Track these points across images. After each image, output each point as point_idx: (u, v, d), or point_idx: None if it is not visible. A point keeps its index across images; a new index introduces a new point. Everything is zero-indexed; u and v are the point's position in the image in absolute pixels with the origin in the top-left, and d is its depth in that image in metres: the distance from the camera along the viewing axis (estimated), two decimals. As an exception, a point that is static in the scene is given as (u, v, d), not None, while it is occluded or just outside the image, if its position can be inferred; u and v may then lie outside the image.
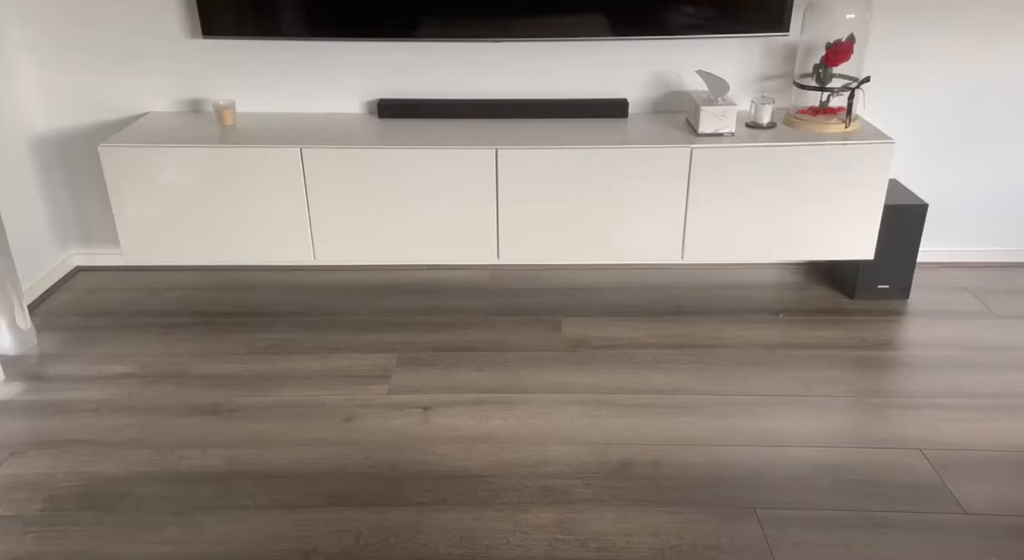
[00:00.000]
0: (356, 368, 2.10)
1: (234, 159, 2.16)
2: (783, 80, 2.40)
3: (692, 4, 2.23)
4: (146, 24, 2.33)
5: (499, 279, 2.59)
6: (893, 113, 2.43)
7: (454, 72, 2.41)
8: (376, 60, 2.39)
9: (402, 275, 2.61)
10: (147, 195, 2.18)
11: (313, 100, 2.45)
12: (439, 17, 2.25)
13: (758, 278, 2.58)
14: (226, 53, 2.38)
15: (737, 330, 2.26)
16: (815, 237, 2.23)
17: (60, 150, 2.50)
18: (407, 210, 2.21)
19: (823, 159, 2.14)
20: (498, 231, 2.24)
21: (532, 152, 2.15)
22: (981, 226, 2.59)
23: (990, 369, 2.08)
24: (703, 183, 2.17)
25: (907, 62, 2.37)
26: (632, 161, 2.15)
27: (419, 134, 2.24)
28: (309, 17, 2.25)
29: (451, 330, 2.28)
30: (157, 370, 2.10)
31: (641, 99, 2.45)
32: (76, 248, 2.64)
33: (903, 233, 2.29)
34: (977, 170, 2.51)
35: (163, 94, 2.43)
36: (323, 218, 2.22)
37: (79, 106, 2.44)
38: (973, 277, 2.56)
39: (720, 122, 2.19)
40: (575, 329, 2.28)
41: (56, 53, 2.36)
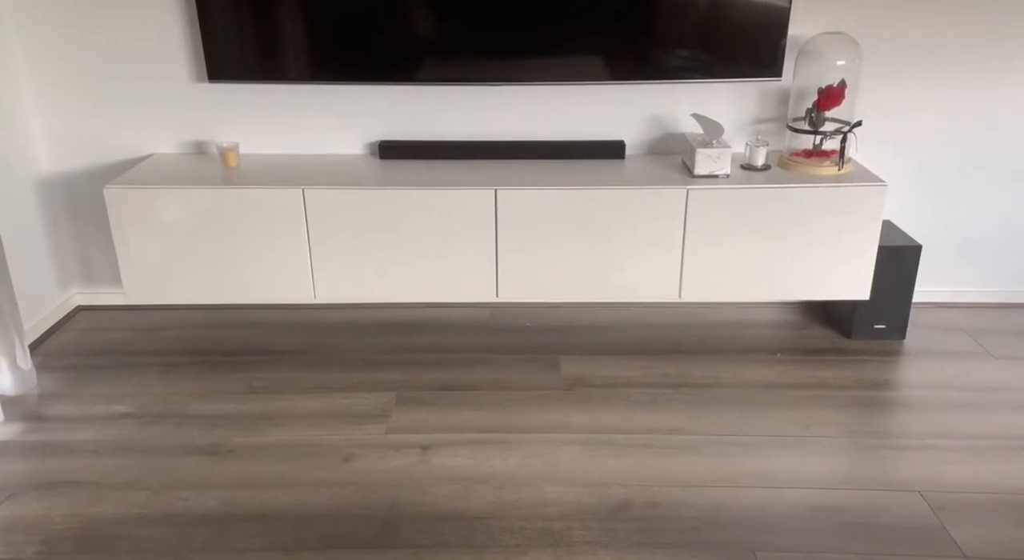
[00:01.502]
0: (355, 407, 2.11)
1: (237, 200, 2.19)
2: (777, 123, 2.45)
3: (687, 49, 2.28)
4: (153, 69, 2.38)
5: (498, 317, 2.60)
6: (886, 155, 2.47)
7: (455, 114, 2.46)
8: (378, 102, 2.44)
9: (402, 313, 2.63)
10: (150, 235, 2.21)
11: (316, 141, 2.49)
12: (439, 61, 2.30)
13: (755, 317, 2.59)
14: (231, 96, 2.43)
15: (734, 369, 2.27)
16: (811, 277, 2.25)
17: (65, 191, 2.53)
18: (407, 249, 2.24)
19: (817, 201, 2.18)
20: (497, 270, 2.26)
21: (531, 192, 2.18)
22: (976, 267, 2.61)
23: (987, 410, 2.08)
24: (699, 223, 2.20)
25: (899, 105, 2.42)
26: (629, 202, 2.19)
27: (420, 175, 2.28)
28: (312, 61, 2.30)
29: (450, 368, 2.29)
30: (156, 410, 2.10)
31: (638, 141, 2.49)
32: (78, 287, 2.66)
33: (898, 274, 2.31)
34: (971, 211, 2.54)
35: (168, 136, 2.47)
36: (324, 257, 2.24)
37: (85, 148, 2.48)
38: (968, 317, 2.57)
39: (715, 164, 2.23)
40: (573, 367, 2.29)
41: (64, 95, 2.41)
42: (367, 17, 2.25)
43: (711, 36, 2.26)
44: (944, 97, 2.41)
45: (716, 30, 2.26)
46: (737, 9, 2.23)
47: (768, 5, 2.22)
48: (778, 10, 2.22)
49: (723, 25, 2.25)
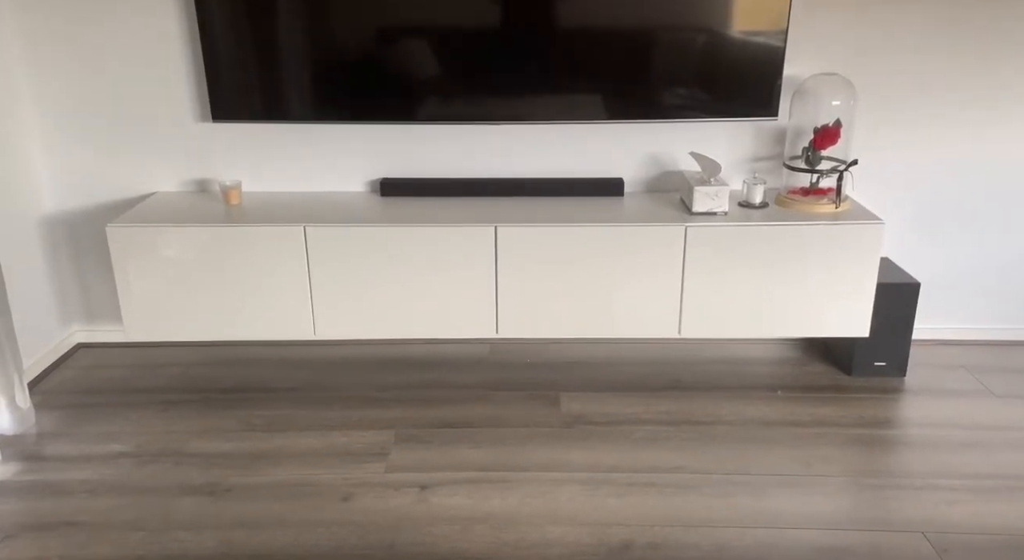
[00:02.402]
0: (354, 445, 2.10)
1: (238, 238, 2.20)
2: (774, 161, 2.48)
3: (685, 89, 2.32)
4: (158, 109, 2.42)
5: (498, 353, 2.60)
6: (883, 193, 2.50)
7: (455, 152, 2.49)
8: (380, 141, 2.47)
9: (401, 349, 2.63)
10: (151, 273, 2.22)
11: (318, 179, 2.52)
12: (440, 100, 2.34)
13: (755, 354, 2.59)
14: (233, 135, 2.46)
15: (735, 407, 2.26)
16: (810, 314, 2.26)
17: (67, 229, 2.55)
18: (408, 286, 2.25)
19: (814, 239, 2.19)
20: (497, 306, 2.27)
21: (530, 229, 2.20)
22: (975, 304, 2.62)
23: (990, 449, 2.07)
24: (698, 260, 2.21)
25: (895, 144, 2.45)
26: (628, 238, 2.20)
27: (420, 212, 2.30)
28: (314, 101, 2.34)
29: (449, 405, 2.28)
30: (154, 449, 2.09)
31: (636, 178, 2.52)
32: (78, 325, 2.66)
33: (897, 311, 2.32)
34: (969, 248, 2.56)
35: (171, 175, 2.50)
36: (324, 294, 2.25)
37: (88, 187, 2.50)
38: (969, 355, 2.57)
39: (713, 201, 2.25)
40: (573, 404, 2.28)
41: (69, 135, 2.44)
42: (369, 57, 2.29)
43: (708, 76, 2.30)
44: (939, 135, 2.44)
45: (713, 71, 2.29)
46: (733, 50, 2.27)
47: (763, 46, 2.26)
48: (773, 51, 2.26)
49: (720, 66, 2.29)
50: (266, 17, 2.24)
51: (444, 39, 2.28)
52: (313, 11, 2.24)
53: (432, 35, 2.28)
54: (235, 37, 2.26)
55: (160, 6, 2.30)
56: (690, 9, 2.23)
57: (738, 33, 2.25)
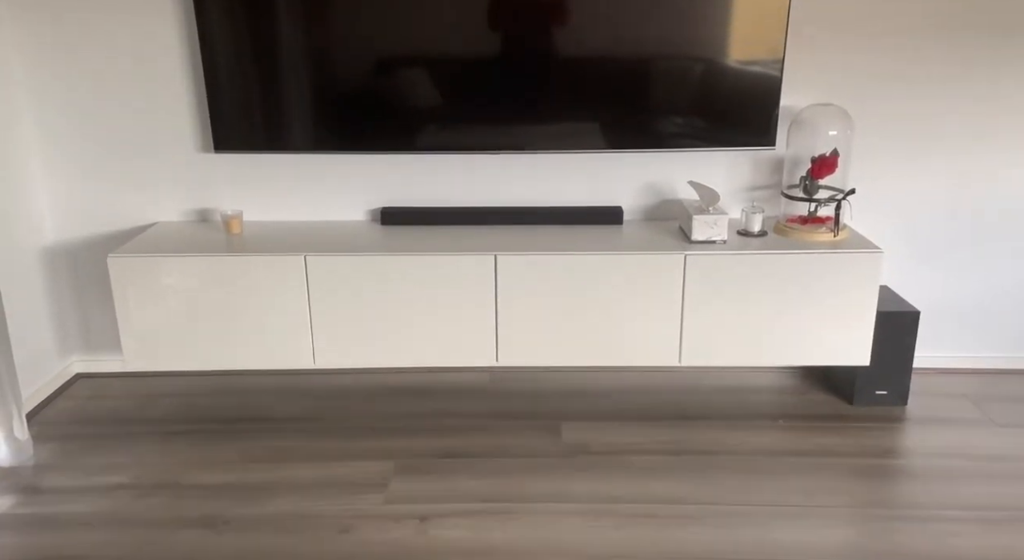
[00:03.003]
0: (353, 475, 2.08)
1: (239, 267, 2.21)
2: (772, 190, 2.49)
3: (683, 119, 2.34)
4: (161, 140, 2.44)
5: (498, 381, 2.60)
6: (881, 221, 2.51)
7: (455, 181, 2.51)
8: (380, 170, 2.49)
9: (401, 378, 2.62)
10: (152, 303, 2.23)
11: (319, 209, 2.53)
12: (440, 130, 2.36)
13: (756, 382, 2.58)
14: (235, 165, 2.48)
15: (737, 436, 2.25)
16: (810, 343, 2.25)
17: (68, 259, 2.56)
18: (408, 314, 2.25)
19: (813, 267, 2.19)
20: (497, 334, 2.27)
21: (530, 258, 2.21)
22: (976, 332, 2.62)
23: (994, 480, 2.05)
24: (698, 289, 2.22)
25: (892, 173, 2.47)
26: (628, 267, 2.21)
27: (421, 240, 2.31)
28: (316, 132, 2.36)
29: (450, 435, 2.27)
30: (152, 480, 2.08)
31: (635, 207, 2.53)
32: (77, 355, 2.66)
33: (897, 340, 2.32)
34: (969, 277, 2.56)
35: (173, 205, 2.51)
36: (324, 323, 2.25)
37: (90, 217, 2.52)
38: (970, 384, 2.56)
39: (712, 230, 2.26)
40: (574, 434, 2.27)
41: (72, 165, 2.46)
42: (368, 88, 2.31)
43: (706, 107, 2.32)
44: (937, 165, 2.45)
45: (711, 101, 2.32)
46: (731, 80, 2.29)
47: (760, 76, 2.28)
48: (770, 81, 2.28)
49: (717, 96, 2.31)
50: (268, 49, 2.27)
51: (444, 69, 2.31)
52: (314, 43, 2.27)
53: (432, 65, 2.30)
54: (238, 69, 2.29)
55: (163, 38, 2.34)
56: (688, 39, 2.26)
57: (735, 63, 2.28)
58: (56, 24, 2.32)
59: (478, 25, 2.25)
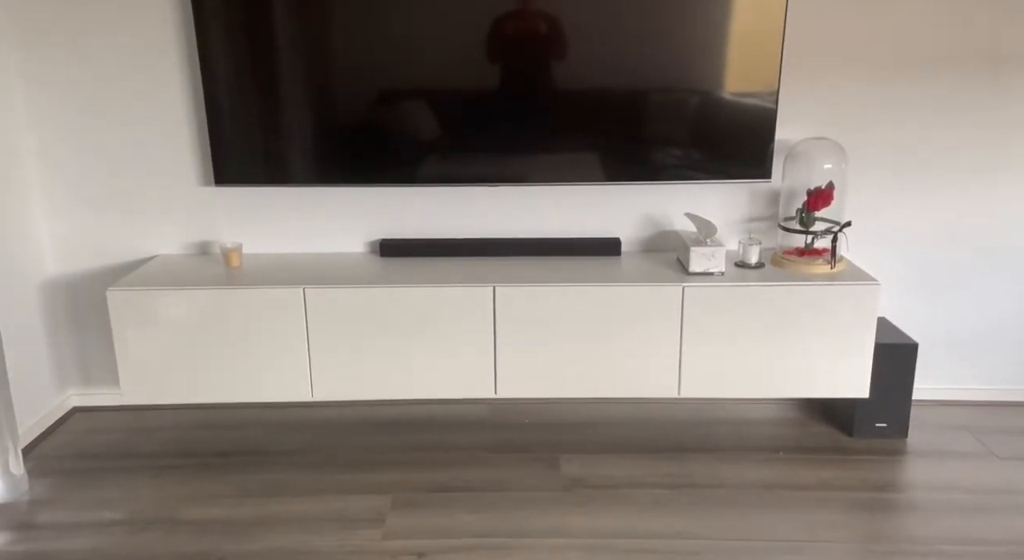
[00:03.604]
0: (350, 510, 2.06)
1: (238, 300, 2.21)
2: (768, 222, 2.51)
3: (680, 152, 2.36)
4: (162, 174, 2.46)
5: (497, 413, 2.58)
6: (878, 253, 2.52)
7: (454, 213, 2.52)
8: (379, 202, 2.51)
9: (399, 410, 2.61)
10: (150, 336, 2.23)
11: (319, 241, 2.55)
12: (440, 162, 2.38)
13: (756, 414, 2.57)
14: (235, 198, 2.49)
15: (736, 469, 2.24)
16: (809, 375, 2.25)
17: (68, 292, 2.56)
18: (406, 346, 2.25)
19: (811, 299, 2.20)
20: (496, 366, 2.27)
21: (529, 289, 2.21)
22: (974, 364, 2.61)
23: (996, 514, 2.03)
24: (696, 320, 2.22)
25: (887, 205, 2.48)
26: (626, 298, 2.21)
27: (419, 272, 2.32)
28: (316, 165, 2.38)
29: (447, 468, 2.25)
30: (147, 516, 2.06)
31: (633, 238, 2.54)
32: (75, 389, 2.65)
33: (896, 372, 2.31)
34: (966, 308, 2.56)
35: (173, 238, 2.53)
36: (322, 355, 2.25)
37: (90, 250, 2.53)
38: (970, 415, 2.55)
39: (710, 262, 2.26)
40: (573, 467, 2.25)
41: (73, 199, 2.48)
42: (368, 122, 2.34)
43: (702, 139, 2.35)
44: (932, 197, 2.47)
45: (707, 134, 2.34)
46: (726, 114, 2.32)
47: (756, 109, 2.31)
48: (766, 113, 2.31)
49: (714, 129, 2.34)
50: (269, 83, 2.30)
51: (442, 103, 2.34)
52: (315, 77, 2.30)
53: (431, 99, 2.33)
54: (239, 103, 2.32)
55: (165, 73, 2.37)
56: (683, 72, 2.29)
57: (731, 95, 2.31)
58: (59, 59, 2.35)
59: (477, 59, 2.29)
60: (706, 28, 2.25)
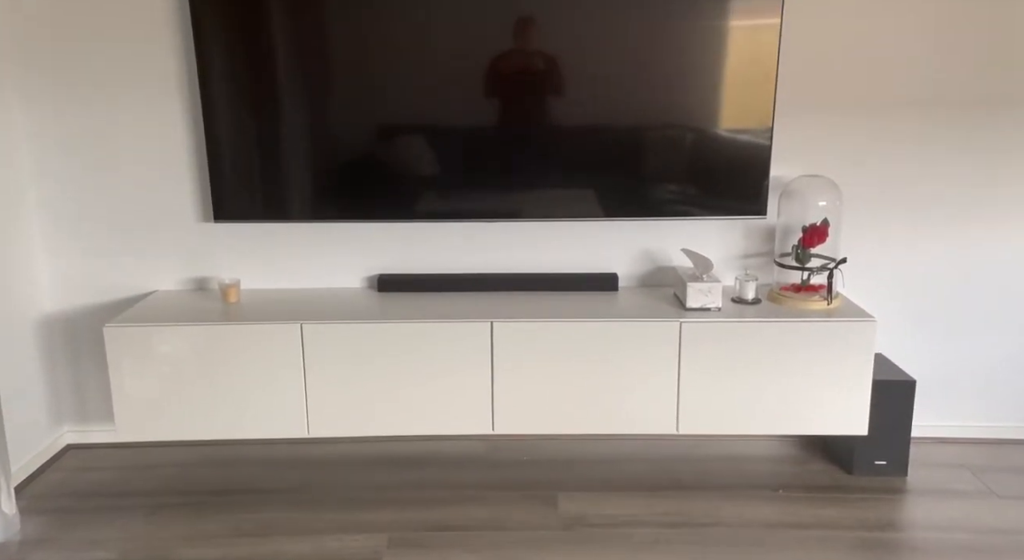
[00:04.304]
0: (345, 551, 2.04)
1: (235, 336, 2.21)
2: (764, 257, 2.52)
3: (676, 189, 2.38)
4: (161, 211, 2.47)
5: (495, 450, 2.57)
6: (875, 290, 2.52)
7: (452, 248, 2.53)
8: (377, 238, 2.52)
9: (396, 446, 2.59)
10: (147, 372, 2.22)
11: (317, 276, 2.55)
12: (437, 198, 2.39)
13: (755, 451, 2.56)
14: (234, 234, 2.50)
15: (736, 507, 2.22)
16: (807, 411, 2.24)
17: (65, 328, 2.56)
18: (403, 382, 2.24)
19: (808, 336, 2.20)
20: (493, 402, 2.26)
21: (527, 325, 2.21)
22: (973, 401, 2.60)
23: (998, 555, 2.01)
24: (694, 356, 2.22)
25: (883, 242, 2.50)
26: (624, 334, 2.21)
27: (417, 308, 2.32)
28: (315, 201, 2.39)
29: (445, 507, 2.23)
30: (141, 556, 2.03)
31: (630, 273, 2.55)
32: (69, 425, 2.63)
33: (894, 409, 2.30)
34: (964, 345, 2.56)
35: (171, 274, 2.53)
36: (319, 392, 2.24)
37: (88, 287, 2.53)
38: (970, 454, 2.54)
39: (707, 298, 2.27)
40: (572, 505, 2.23)
41: (72, 235, 2.48)
42: (366, 159, 2.36)
43: (698, 177, 2.37)
44: (928, 234, 2.48)
45: (703, 171, 2.36)
46: (722, 151, 2.34)
47: (751, 145, 2.33)
48: (760, 150, 2.33)
49: (709, 166, 2.36)
50: (269, 121, 2.32)
51: (441, 139, 2.36)
52: (314, 115, 2.32)
53: (429, 135, 2.36)
54: (239, 141, 2.34)
55: (166, 111, 2.39)
56: (679, 109, 2.31)
57: (726, 132, 2.33)
58: (62, 98, 2.38)
59: (475, 96, 2.31)
60: (701, 65, 2.28)
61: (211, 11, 2.25)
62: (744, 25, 2.26)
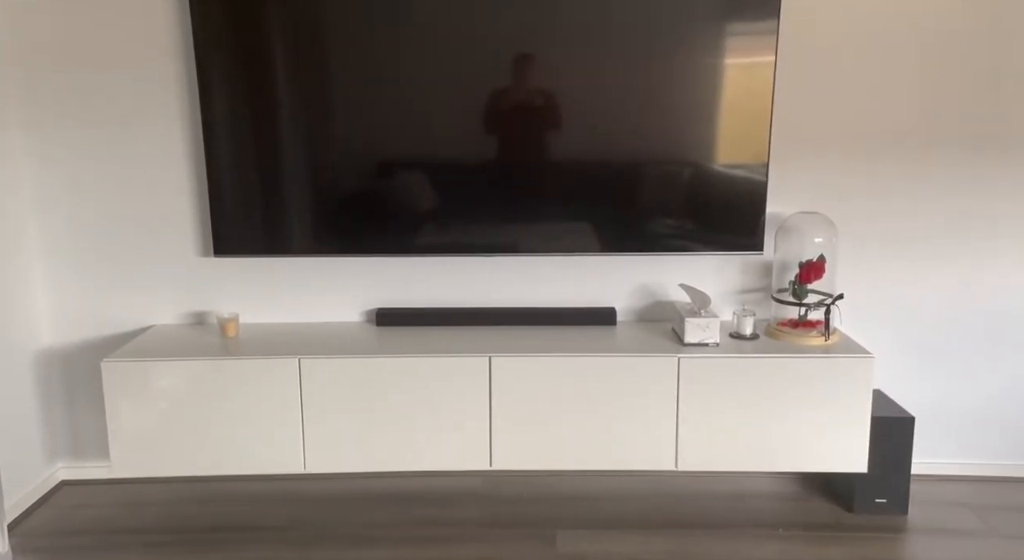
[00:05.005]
0: (341, 591, 2.02)
1: (232, 371, 2.21)
2: (762, 293, 2.52)
3: (673, 225, 2.40)
4: (161, 246, 2.48)
5: (492, 486, 2.54)
6: (872, 326, 2.52)
7: (450, 282, 2.54)
8: (376, 272, 2.53)
9: (393, 482, 2.56)
10: (143, 408, 2.21)
11: (316, 310, 2.55)
12: (436, 233, 2.41)
13: (755, 487, 2.53)
14: (233, 268, 2.51)
15: (736, 546, 2.19)
16: (806, 448, 2.23)
17: (62, 363, 2.55)
18: (401, 417, 2.23)
19: (806, 372, 2.20)
20: (491, 437, 2.24)
21: (525, 360, 2.21)
22: (973, 439, 2.59)
23: (1001, 594, 1.99)
24: (692, 391, 2.21)
25: (880, 279, 2.51)
26: (623, 369, 2.21)
27: (415, 342, 2.32)
28: (314, 236, 2.41)
29: (442, 545, 2.20)
30: (133, 596, 2.01)
31: (628, 308, 2.56)
32: (64, 461, 2.61)
33: (893, 446, 2.29)
34: (963, 382, 2.56)
35: (170, 308, 2.53)
36: (316, 427, 2.23)
37: (87, 321, 2.53)
38: (970, 492, 2.51)
39: (704, 333, 2.27)
40: (570, 544, 2.20)
41: (72, 270, 2.49)
42: (366, 194, 2.38)
43: (695, 212, 2.38)
44: (923, 270, 2.49)
45: (700, 207, 2.38)
46: (719, 187, 2.36)
47: (747, 181, 2.34)
48: (756, 186, 2.34)
49: (706, 201, 2.37)
50: (270, 157, 2.34)
51: (440, 174, 2.38)
52: (315, 151, 2.34)
53: (428, 171, 2.38)
54: (240, 176, 2.36)
55: (168, 147, 2.41)
56: (676, 145, 2.33)
57: (722, 168, 2.35)
58: (64, 137, 2.40)
59: (474, 132, 2.34)
60: (698, 102, 2.31)
61: (214, 48, 2.28)
62: (740, 63, 2.29)
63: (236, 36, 2.28)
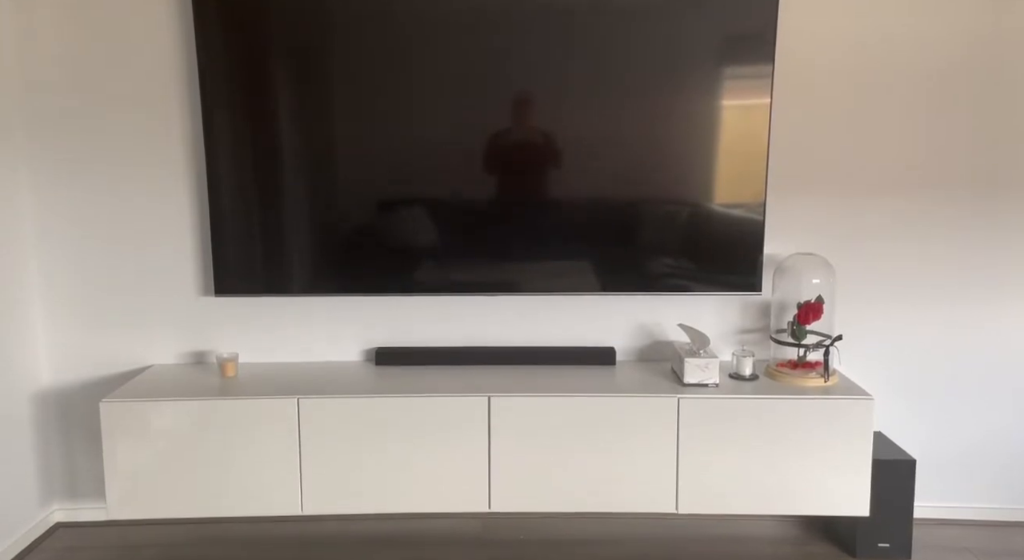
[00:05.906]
0: (337, 637, 1.98)
1: (231, 411, 2.20)
2: (761, 333, 2.53)
3: (672, 265, 2.41)
4: (162, 285, 2.49)
5: (490, 529, 2.51)
6: (871, 367, 2.52)
7: (449, 321, 2.54)
8: (376, 311, 2.53)
9: (390, 524, 2.54)
10: (141, 449, 2.19)
11: (315, 350, 2.55)
12: (436, 272, 2.42)
13: (757, 531, 2.50)
14: (232, 308, 2.51)
15: (738, 591, 2.17)
16: (807, 491, 2.21)
17: (61, 403, 2.54)
18: (400, 458, 2.21)
19: (806, 413, 2.19)
20: (490, 479, 2.22)
21: (524, 400, 2.20)
22: (974, 482, 2.57)
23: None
24: (692, 432, 2.20)
25: (878, 320, 2.51)
26: (622, 409, 2.20)
27: (414, 382, 2.31)
28: (314, 275, 2.42)
29: (439, 591, 2.18)
30: (125, 643, 1.97)
31: (627, 347, 2.55)
32: (59, 503, 2.58)
33: (895, 489, 2.27)
34: (964, 425, 2.54)
35: (170, 347, 2.53)
36: (314, 468, 2.21)
37: (87, 361, 2.52)
38: (972, 536, 2.48)
39: (704, 373, 2.27)
40: (569, 588, 2.18)
41: (73, 309, 2.49)
42: (365, 234, 2.40)
43: (694, 252, 2.40)
44: (921, 311, 2.50)
45: (699, 247, 2.40)
46: (717, 228, 2.38)
47: (744, 222, 2.36)
48: (754, 226, 2.36)
49: (705, 242, 2.39)
50: (271, 198, 2.37)
51: (439, 214, 2.40)
52: (315, 191, 2.37)
53: (428, 210, 2.40)
54: (241, 217, 2.38)
55: (170, 187, 2.43)
56: (674, 186, 2.36)
57: (720, 208, 2.37)
58: (67, 169, 2.42)
59: (474, 172, 2.37)
60: (695, 143, 2.34)
61: (219, 89, 2.32)
62: (736, 105, 2.33)
63: (240, 79, 2.32)
